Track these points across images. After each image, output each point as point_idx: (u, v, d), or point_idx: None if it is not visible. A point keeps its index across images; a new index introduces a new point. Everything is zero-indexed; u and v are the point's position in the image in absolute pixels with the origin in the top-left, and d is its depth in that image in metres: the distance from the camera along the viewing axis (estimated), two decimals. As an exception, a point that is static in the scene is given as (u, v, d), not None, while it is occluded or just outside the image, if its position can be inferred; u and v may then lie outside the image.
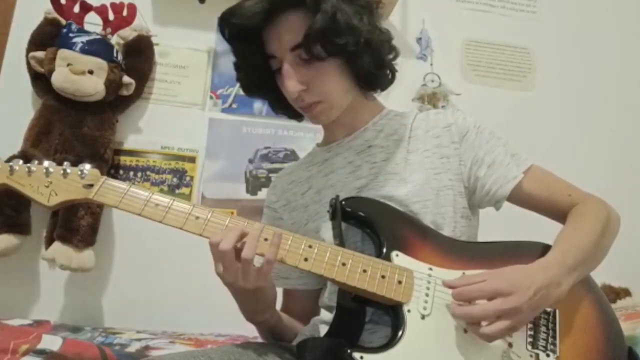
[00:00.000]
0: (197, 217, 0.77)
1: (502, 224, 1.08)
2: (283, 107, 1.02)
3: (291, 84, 0.87)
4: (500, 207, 0.93)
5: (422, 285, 0.77)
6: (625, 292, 1.75)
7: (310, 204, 0.99)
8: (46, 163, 0.79)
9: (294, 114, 1.03)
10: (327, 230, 0.89)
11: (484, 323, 0.70)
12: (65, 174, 0.78)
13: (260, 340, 1.01)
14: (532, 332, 0.76)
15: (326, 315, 0.94)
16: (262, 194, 1.75)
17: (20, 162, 0.78)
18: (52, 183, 0.77)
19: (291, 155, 1.81)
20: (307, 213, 0.98)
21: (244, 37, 0.90)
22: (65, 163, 0.80)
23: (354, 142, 0.98)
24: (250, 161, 1.80)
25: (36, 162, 0.79)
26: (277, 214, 1.04)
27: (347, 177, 0.96)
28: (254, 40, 0.90)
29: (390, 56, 0.95)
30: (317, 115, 0.92)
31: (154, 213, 0.77)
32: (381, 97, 1.05)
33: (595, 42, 2.14)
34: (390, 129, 0.99)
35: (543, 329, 0.77)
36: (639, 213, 1.50)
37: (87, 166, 0.80)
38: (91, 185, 0.78)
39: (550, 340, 0.76)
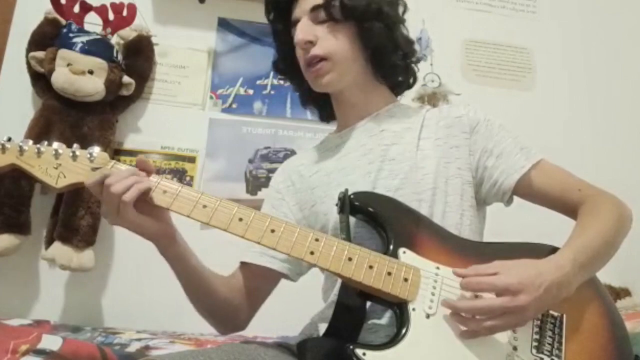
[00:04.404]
0: (205, 206, 0.77)
1: (510, 230, 1.07)
2: (310, 96, 1.06)
3: (301, 34, 0.92)
4: (508, 200, 0.93)
5: (428, 284, 0.76)
6: (625, 292, 1.75)
7: (319, 185, 0.98)
8: (55, 144, 0.78)
9: (322, 110, 1.08)
10: (334, 213, 0.89)
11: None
12: (74, 157, 0.78)
13: (259, 339, 1.01)
14: (537, 336, 0.75)
15: (326, 313, 0.94)
16: (262, 194, 1.74)
17: (30, 142, 0.77)
18: (60, 165, 0.77)
19: (291, 155, 1.81)
20: (314, 195, 0.98)
21: (278, 14, 1.00)
22: (75, 145, 0.79)
23: (367, 125, 1.00)
24: (250, 161, 1.79)
25: (45, 143, 0.78)
26: (280, 194, 1.03)
27: (359, 160, 0.96)
28: (287, 18, 0.98)
29: (411, 57, 1.01)
30: (321, 75, 0.94)
31: (162, 199, 0.77)
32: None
33: (595, 41, 2.14)
34: (403, 116, 1.00)
35: (549, 333, 0.76)
36: (639, 213, 1.49)
37: (96, 149, 0.79)
38: (100, 169, 0.78)
39: (555, 345, 0.75)
